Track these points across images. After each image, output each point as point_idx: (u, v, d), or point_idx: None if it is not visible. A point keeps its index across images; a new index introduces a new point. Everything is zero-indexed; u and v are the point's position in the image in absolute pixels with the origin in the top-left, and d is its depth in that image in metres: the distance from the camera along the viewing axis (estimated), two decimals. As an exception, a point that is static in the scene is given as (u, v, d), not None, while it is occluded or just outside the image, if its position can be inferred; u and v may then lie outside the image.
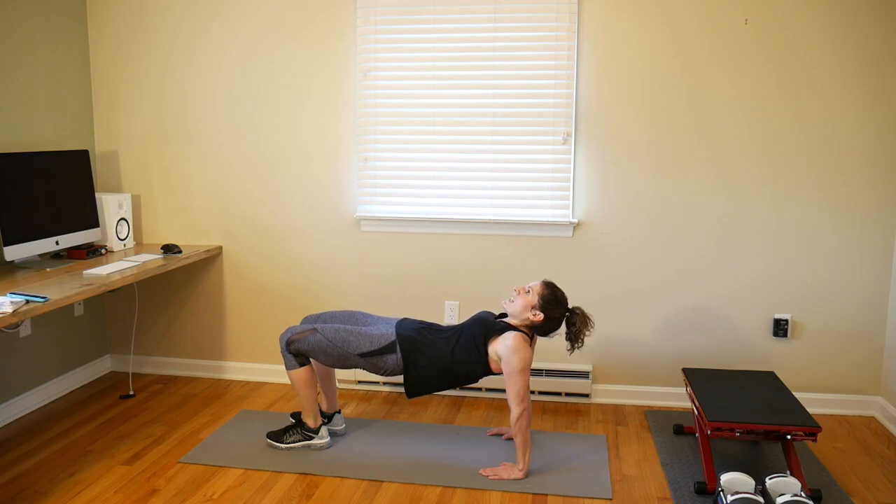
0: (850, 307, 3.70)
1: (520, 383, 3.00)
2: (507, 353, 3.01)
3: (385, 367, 3.12)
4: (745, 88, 3.62)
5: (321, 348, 3.13)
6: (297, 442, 3.28)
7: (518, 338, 3.04)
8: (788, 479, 2.73)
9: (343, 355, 3.12)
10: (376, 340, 3.11)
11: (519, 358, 3.00)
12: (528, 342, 3.06)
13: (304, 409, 3.28)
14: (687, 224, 3.76)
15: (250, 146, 4.04)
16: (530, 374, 3.11)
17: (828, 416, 3.76)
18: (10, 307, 2.68)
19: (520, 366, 2.99)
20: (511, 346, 3.01)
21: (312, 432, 3.28)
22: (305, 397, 3.25)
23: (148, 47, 4.05)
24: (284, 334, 3.19)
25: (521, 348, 3.01)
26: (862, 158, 3.60)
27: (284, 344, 3.18)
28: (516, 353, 3.00)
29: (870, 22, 3.50)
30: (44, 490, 2.93)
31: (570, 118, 3.73)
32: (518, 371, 2.99)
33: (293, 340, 3.16)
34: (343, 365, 3.16)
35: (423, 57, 3.80)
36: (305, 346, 3.15)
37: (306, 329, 3.17)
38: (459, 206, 3.89)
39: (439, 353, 3.09)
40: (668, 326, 3.84)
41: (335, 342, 3.12)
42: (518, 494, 2.92)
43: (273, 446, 3.29)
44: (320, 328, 3.15)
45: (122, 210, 3.94)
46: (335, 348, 3.12)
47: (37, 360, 3.80)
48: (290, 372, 3.21)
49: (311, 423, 3.28)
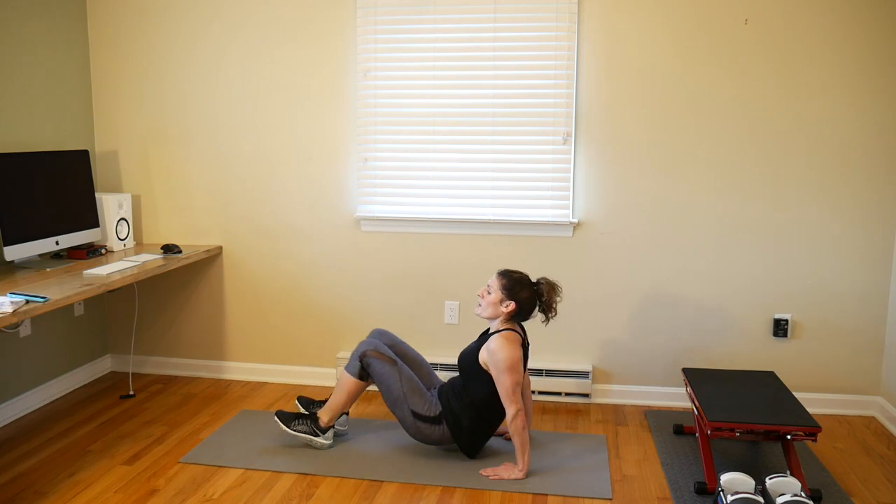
0: (850, 307, 3.70)
1: (506, 383, 2.99)
2: (490, 357, 3.04)
3: (432, 437, 3.15)
4: (745, 88, 3.62)
5: (388, 382, 3.14)
6: (303, 433, 3.27)
7: (499, 339, 3.05)
8: (788, 479, 2.73)
9: (399, 401, 3.14)
10: (429, 408, 3.13)
11: (500, 358, 3.00)
12: (511, 339, 3.05)
13: (328, 407, 3.27)
14: (687, 224, 3.76)
15: (250, 146, 4.04)
16: (528, 373, 3.12)
17: (828, 416, 3.76)
18: (10, 307, 2.68)
19: (503, 365, 3.00)
20: (492, 349, 3.03)
21: (320, 431, 3.27)
22: (339, 401, 3.25)
23: (148, 47, 4.06)
24: (366, 346, 3.20)
25: (502, 348, 3.01)
26: (862, 158, 3.60)
27: (361, 352, 3.19)
28: (497, 353, 3.01)
29: (870, 22, 3.50)
30: (44, 490, 2.93)
31: (570, 118, 3.73)
32: (503, 371, 3.00)
33: (371, 356, 3.17)
34: (392, 406, 3.16)
35: (423, 57, 3.80)
36: (378, 369, 3.16)
37: (389, 357, 3.18)
38: (459, 206, 3.89)
39: (472, 405, 3.10)
40: (668, 326, 3.84)
41: (403, 387, 3.13)
42: (518, 494, 2.92)
43: (278, 425, 3.30)
44: (401, 366, 3.17)
45: (122, 210, 3.94)
46: (399, 392, 3.13)
47: (37, 360, 3.80)
48: (346, 374, 3.22)
49: (325, 421, 3.27)
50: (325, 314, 4.10)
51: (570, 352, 3.93)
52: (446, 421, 3.12)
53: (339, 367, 4.05)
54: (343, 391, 3.24)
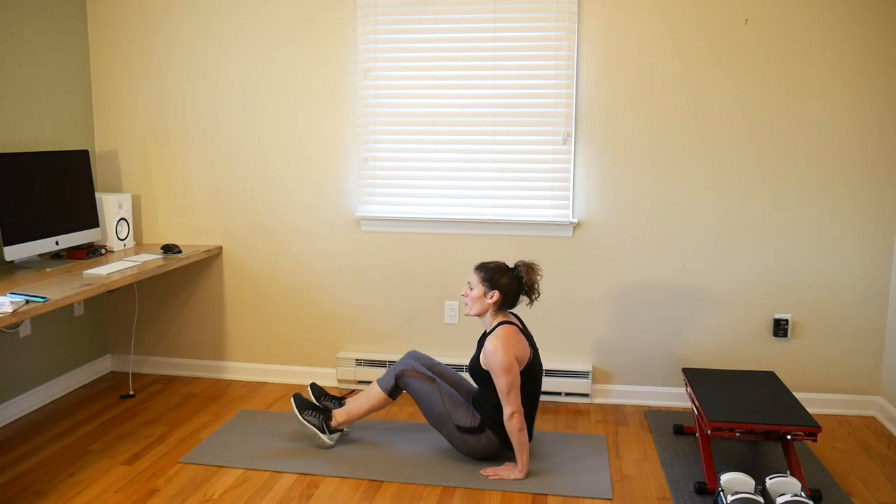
0: (850, 307, 3.70)
1: (501, 384, 2.99)
2: (486, 360, 3.04)
3: (479, 447, 3.12)
4: (745, 88, 3.62)
5: (429, 399, 3.13)
6: (312, 426, 3.26)
7: (493, 340, 3.04)
8: (788, 479, 2.73)
9: (442, 417, 3.12)
10: (471, 419, 3.11)
11: (494, 361, 3.00)
12: (505, 336, 3.03)
13: (347, 410, 3.26)
14: (687, 224, 3.76)
15: (250, 146, 4.04)
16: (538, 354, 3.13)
17: (828, 416, 3.76)
18: (10, 307, 2.68)
19: (498, 368, 2.99)
20: (488, 351, 3.03)
21: (329, 430, 3.27)
22: (360, 409, 3.24)
23: (148, 47, 4.06)
24: (403, 365, 3.19)
25: (496, 351, 3.00)
26: (862, 158, 3.60)
27: (398, 371, 3.17)
28: (491, 357, 3.01)
29: (870, 22, 3.50)
30: (44, 490, 2.93)
31: (570, 118, 3.73)
32: (498, 374, 2.99)
33: (409, 376, 3.16)
34: (435, 422, 3.15)
35: (423, 57, 3.80)
36: (417, 388, 3.14)
37: (427, 375, 3.16)
38: (459, 206, 3.89)
39: (499, 407, 3.08)
40: (668, 326, 3.84)
41: (445, 403, 3.12)
42: (518, 494, 2.92)
43: (292, 407, 3.30)
44: (440, 383, 3.16)
45: (122, 210, 3.94)
46: (441, 408, 3.12)
47: (37, 360, 3.80)
48: (377, 387, 3.21)
49: (338, 422, 3.27)
50: (325, 314, 4.10)
51: (570, 352, 3.93)
52: (489, 428, 3.10)
53: (339, 367, 4.05)
54: (368, 401, 3.23)
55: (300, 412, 3.27)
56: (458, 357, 3.98)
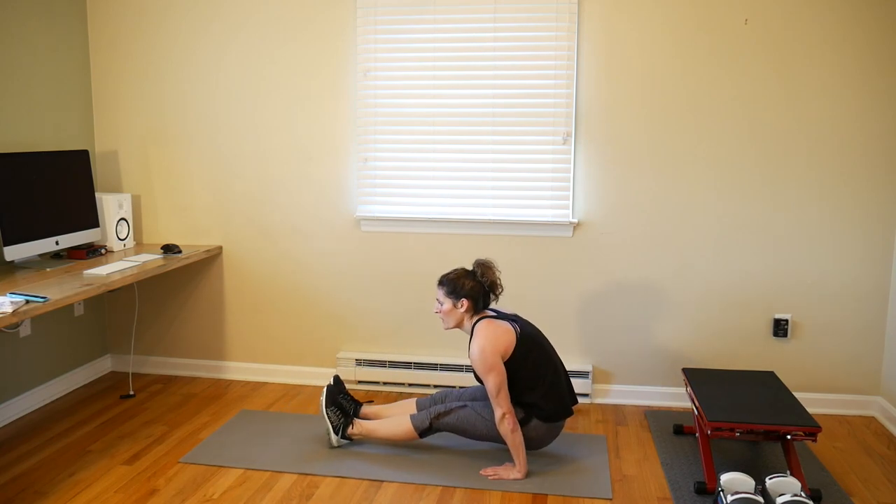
0: (850, 307, 3.70)
1: (489, 385, 2.98)
2: (473, 363, 3.03)
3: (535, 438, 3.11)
4: (745, 88, 3.62)
5: (471, 421, 3.12)
6: (331, 422, 3.26)
7: (474, 343, 3.02)
8: (788, 479, 2.73)
9: (490, 431, 3.11)
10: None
11: (476, 362, 3.00)
12: (485, 333, 3.01)
13: (370, 429, 3.25)
14: (687, 224, 3.76)
15: (250, 146, 4.04)
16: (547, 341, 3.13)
17: (828, 416, 3.76)
18: (10, 307, 2.68)
19: (482, 368, 2.98)
20: (471, 354, 3.02)
21: (342, 433, 3.26)
22: (382, 434, 3.23)
23: (148, 47, 4.06)
24: (437, 409, 3.17)
25: (476, 355, 2.99)
26: (862, 158, 3.60)
27: (434, 415, 3.16)
28: (475, 361, 3.00)
29: (870, 22, 3.50)
30: (44, 490, 2.93)
31: (570, 118, 3.73)
32: (483, 374, 2.99)
33: (442, 414, 3.15)
34: (492, 439, 3.14)
35: (423, 57, 3.80)
36: (452, 422, 3.14)
37: (455, 406, 3.16)
38: (459, 206, 3.89)
39: (517, 401, 3.09)
40: (668, 326, 3.84)
41: (485, 416, 3.12)
42: (518, 494, 2.92)
43: (323, 394, 3.29)
44: (469, 403, 3.16)
45: (122, 210, 3.94)
46: (483, 423, 3.11)
47: (37, 360, 3.80)
48: (410, 423, 3.18)
49: (354, 433, 3.26)
50: (324, 314, 4.10)
51: (570, 352, 3.93)
52: (532, 415, 3.08)
53: (338, 367, 4.05)
54: (394, 432, 3.21)
55: (327, 404, 3.27)
56: (458, 357, 3.98)
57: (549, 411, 3.08)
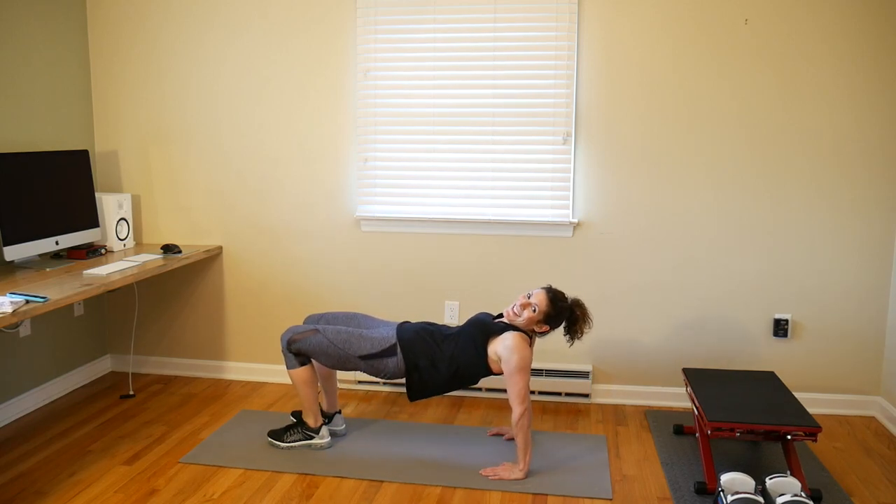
0: (849, 307, 3.70)
1: (520, 383, 3.00)
2: (506, 353, 3.02)
3: (386, 371, 3.12)
4: (744, 88, 3.62)
5: (322, 349, 3.13)
6: (298, 441, 3.28)
7: (517, 337, 3.04)
8: (788, 479, 2.73)
9: (343, 357, 3.13)
10: (377, 343, 3.11)
11: (518, 357, 3.00)
12: (527, 341, 3.07)
13: (304, 408, 3.28)
14: (687, 224, 3.76)
15: (250, 146, 4.04)
16: (531, 373, 3.12)
17: (828, 416, 3.76)
18: (10, 307, 2.68)
19: (519, 365, 3.00)
20: (510, 346, 3.02)
21: (313, 432, 3.28)
22: (306, 397, 3.25)
23: (148, 47, 4.05)
24: (286, 333, 3.19)
25: (519, 348, 3.01)
26: (861, 158, 3.60)
27: (285, 343, 3.18)
28: (515, 352, 3.01)
29: (870, 23, 3.50)
30: (44, 490, 2.93)
31: (570, 118, 3.74)
32: (518, 370, 3.00)
33: (294, 340, 3.16)
34: (343, 367, 3.16)
35: (423, 57, 3.80)
36: (306, 347, 3.15)
37: (308, 329, 3.17)
38: (459, 206, 3.89)
39: (440, 355, 3.09)
40: (668, 326, 3.84)
41: (336, 344, 3.12)
42: (518, 494, 2.92)
43: (274, 445, 3.30)
44: (322, 329, 3.16)
45: (122, 210, 3.94)
46: (336, 350, 3.12)
47: (37, 360, 3.80)
48: (290, 371, 3.21)
49: (312, 422, 3.28)
50: (325, 314, 4.10)
51: (570, 352, 3.93)
52: (402, 352, 3.08)
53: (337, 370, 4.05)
54: (302, 385, 3.22)
55: (280, 440, 3.29)
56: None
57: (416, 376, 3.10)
